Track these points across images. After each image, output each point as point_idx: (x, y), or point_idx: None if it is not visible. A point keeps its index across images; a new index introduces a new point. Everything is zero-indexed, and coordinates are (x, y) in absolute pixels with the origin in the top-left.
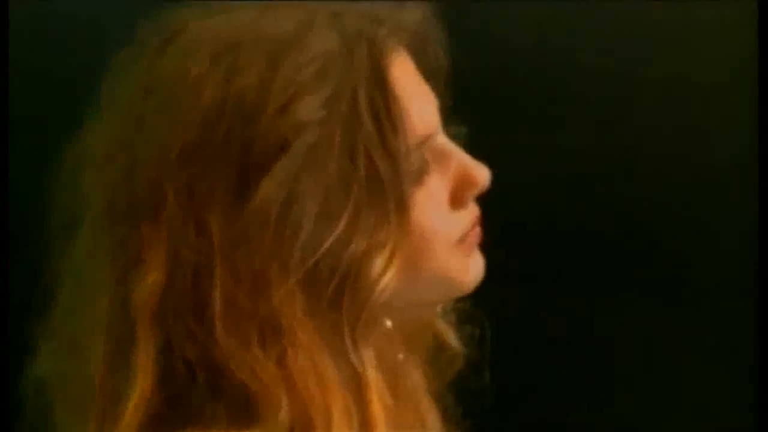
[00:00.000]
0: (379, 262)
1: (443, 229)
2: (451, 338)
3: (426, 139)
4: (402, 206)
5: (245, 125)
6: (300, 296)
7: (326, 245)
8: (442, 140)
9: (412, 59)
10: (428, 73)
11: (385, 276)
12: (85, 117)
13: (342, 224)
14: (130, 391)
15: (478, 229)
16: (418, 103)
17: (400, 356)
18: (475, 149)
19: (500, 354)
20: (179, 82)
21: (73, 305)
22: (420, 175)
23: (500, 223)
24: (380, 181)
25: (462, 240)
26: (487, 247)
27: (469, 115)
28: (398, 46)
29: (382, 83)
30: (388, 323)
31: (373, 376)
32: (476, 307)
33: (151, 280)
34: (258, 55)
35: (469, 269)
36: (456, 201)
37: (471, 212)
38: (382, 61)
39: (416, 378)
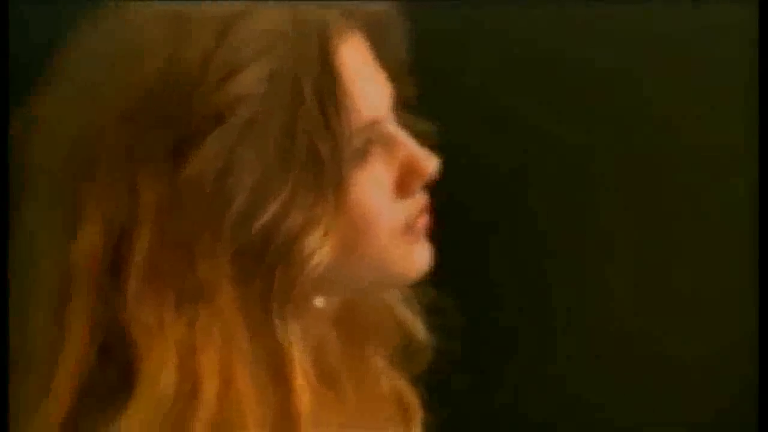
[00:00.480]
0: (313, 239)
1: (385, 214)
2: (419, 330)
3: (372, 124)
4: (340, 186)
5: (185, 94)
6: (229, 266)
7: (260, 219)
8: (392, 128)
9: (371, 48)
10: (388, 64)
11: (318, 253)
12: (37, 85)
13: (278, 199)
14: (64, 350)
15: (425, 219)
16: (366, 88)
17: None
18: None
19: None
20: (127, 51)
21: (23, 266)
22: (362, 158)
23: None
24: (319, 160)
25: (407, 228)
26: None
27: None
28: (351, 30)
29: (328, 63)
30: (319, 302)
31: (298, 354)
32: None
33: (85, 239)
34: (206, 29)
35: (413, 258)
36: (402, 189)
37: (418, 201)
38: (330, 41)
39: (377, 367)
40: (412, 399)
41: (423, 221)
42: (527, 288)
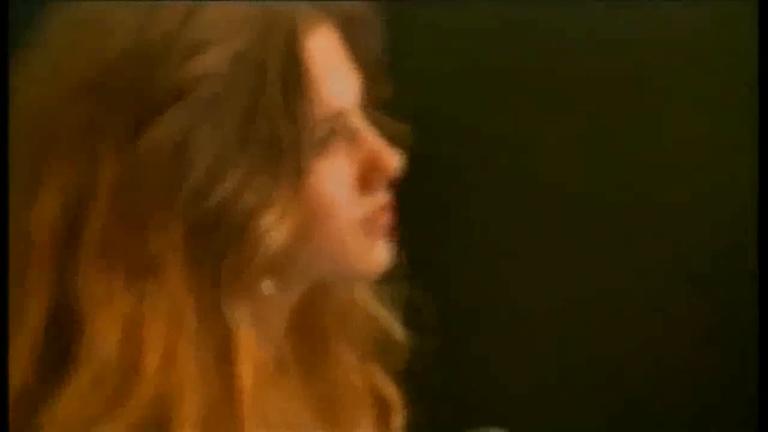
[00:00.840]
0: (266, 221)
1: (345, 206)
2: (394, 328)
3: (336, 115)
4: (298, 171)
5: (149, 70)
6: (182, 243)
7: (215, 197)
8: (358, 121)
9: (344, 43)
10: (361, 60)
11: (272, 235)
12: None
13: (234, 179)
14: (22, 319)
15: (386, 218)
16: (333, 79)
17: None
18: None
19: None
20: (94, 25)
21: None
22: (324, 148)
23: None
24: (279, 144)
25: (367, 224)
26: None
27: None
28: (321, 21)
29: (293, 50)
30: (267, 289)
31: (245, 337)
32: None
33: (42, 209)
34: (174, 10)
35: (372, 254)
36: (363, 183)
37: (380, 198)
38: (298, 29)
39: (347, 362)
40: (392, 396)
41: (384, 219)
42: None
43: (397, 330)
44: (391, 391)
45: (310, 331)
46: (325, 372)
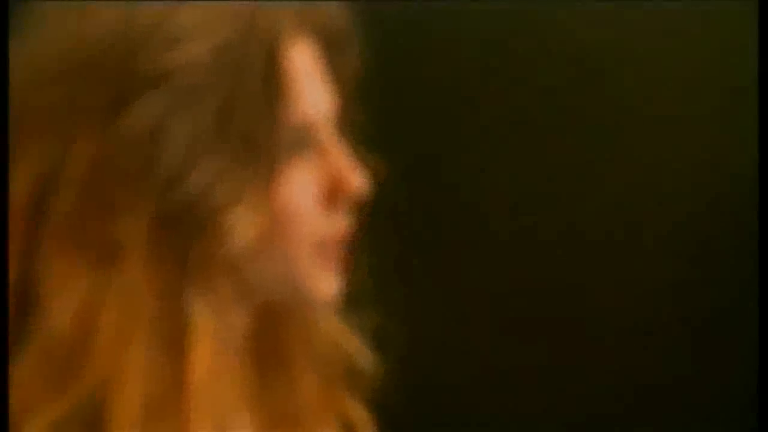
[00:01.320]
0: (235, 216)
1: (305, 220)
2: (362, 356)
3: (308, 126)
4: (269, 174)
5: (128, 56)
6: (147, 230)
7: (186, 188)
8: (329, 137)
9: (323, 60)
10: (338, 78)
11: (238, 230)
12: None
13: (206, 172)
14: None
15: (340, 245)
16: (309, 89)
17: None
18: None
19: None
20: (78, 12)
21: None
22: (293, 154)
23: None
24: (252, 143)
25: (322, 247)
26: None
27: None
28: (303, 34)
29: (274, 54)
30: (229, 286)
31: (202, 332)
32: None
33: (20, 187)
34: (160, 3)
35: (320, 279)
36: (326, 200)
37: (338, 221)
38: (280, 35)
39: (309, 387)
40: (360, 421)
41: (338, 248)
42: None
43: (365, 357)
44: (360, 416)
45: (272, 354)
46: (284, 393)
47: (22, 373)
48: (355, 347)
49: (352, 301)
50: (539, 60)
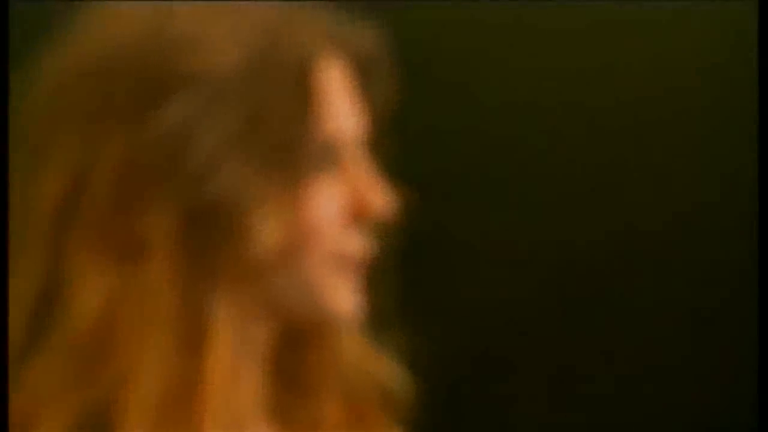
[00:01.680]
0: (260, 222)
1: (326, 234)
2: (394, 379)
3: (335, 141)
4: (295, 182)
5: (164, 58)
6: (174, 230)
7: (213, 188)
8: (356, 156)
9: (356, 85)
10: (370, 103)
11: (263, 236)
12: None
13: (233, 174)
14: (19, 288)
15: (360, 263)
16: (339, 108)
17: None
18: None
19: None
20: (117, 15)
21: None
22: (319, 168)
23: None
24: (281, 152)
25: (341, 260)
26: None
27: None
28: (338, 55)
29: (305, 70)
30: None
31: (223, 331)
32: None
33: (48, 180)
34: (196, 8)
35: (340, 297)
36: (348, 218)
37: (359, 240)
38: (313, 52)
39: (333, 411)
40: None
41: (358, 265)
42: None
43: (397, 378)
44: None
45: (294, 374)
46: (307, 413)
47: (43, 368)
48: (386, 368)
49: (378, 321)
50: (545, 72)
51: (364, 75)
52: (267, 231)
